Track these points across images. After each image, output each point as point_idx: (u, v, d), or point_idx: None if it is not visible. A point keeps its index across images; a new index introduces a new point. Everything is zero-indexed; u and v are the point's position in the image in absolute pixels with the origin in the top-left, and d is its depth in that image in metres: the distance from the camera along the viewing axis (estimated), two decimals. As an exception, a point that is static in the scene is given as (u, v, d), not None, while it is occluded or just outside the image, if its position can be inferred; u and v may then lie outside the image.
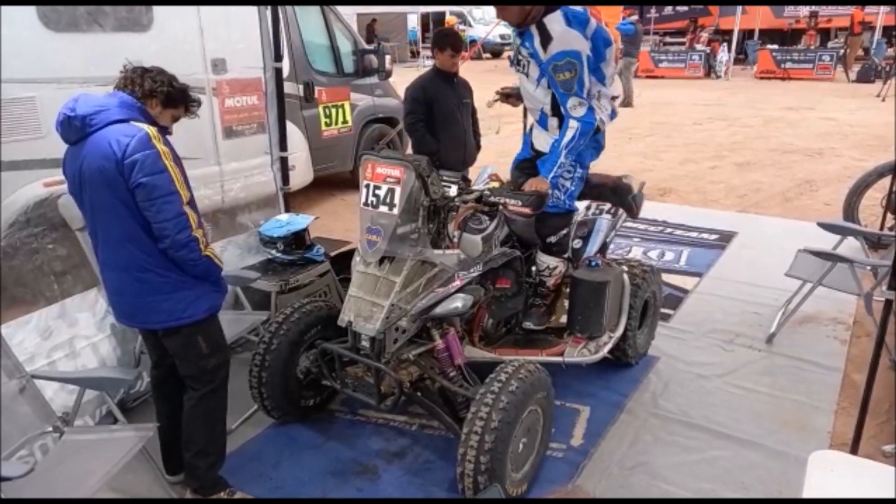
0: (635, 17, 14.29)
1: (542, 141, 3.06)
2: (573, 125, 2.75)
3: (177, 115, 2.34)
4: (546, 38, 2.67)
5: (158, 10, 3.50)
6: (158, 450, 2.55)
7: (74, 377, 2.52)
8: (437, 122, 4.06)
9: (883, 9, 17.44)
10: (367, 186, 2.47)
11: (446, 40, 4.07)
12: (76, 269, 3.07)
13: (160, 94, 2.23)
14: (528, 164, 3.14)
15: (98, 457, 2.18)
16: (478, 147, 4.46)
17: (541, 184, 2.82)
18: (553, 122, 2.94)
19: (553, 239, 3.04)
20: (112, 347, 3.05)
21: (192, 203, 2.16)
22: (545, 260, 3.09)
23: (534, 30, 2.73)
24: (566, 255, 3.15)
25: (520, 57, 2.90)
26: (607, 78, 2.90)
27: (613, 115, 3.03)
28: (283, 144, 4.15)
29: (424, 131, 4.06)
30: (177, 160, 2.16)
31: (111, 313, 3.02)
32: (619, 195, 3.27)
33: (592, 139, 2.91)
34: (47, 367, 2.75)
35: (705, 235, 5.51)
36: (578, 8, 2.71)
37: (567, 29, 2.64)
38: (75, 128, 2.11)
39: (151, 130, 2.10)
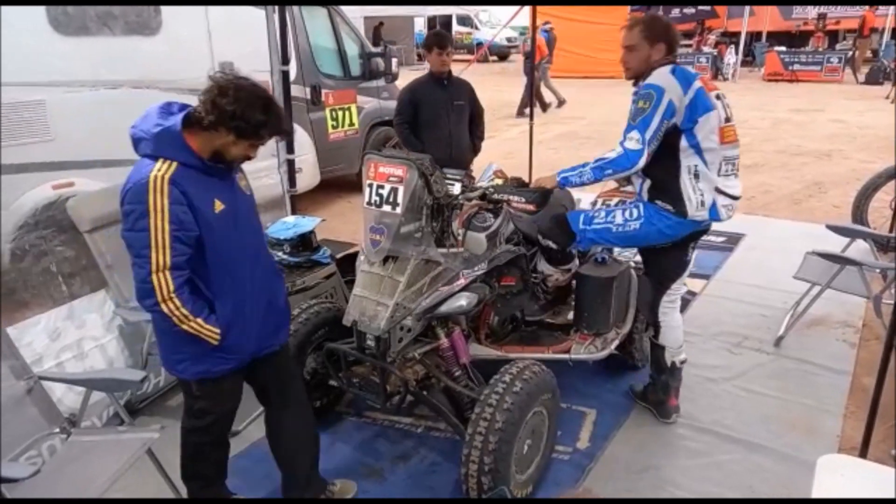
0: (550, 26, 14.34)
1: None
2: (617, 149, 2.59)
3: (254, 146, 2.01)
4: (645, 79, 2.64)
5: (167, 14, 3.52)
6: (173, 452, 2.55)
7: (81, 378, 2.53)
8: (422, 124, 4.18)
9: (892, 11, 17.34)
10: (371, 186, 2.48)
11: (431, 40, 4.16)
12: (85, 270, 3.09)
13: (235, 129, 1.90)
14: None
15: (105, 458, 2.19)
16: (475, 149, 4.45)
17: (548, 179, 2.79)
18: (645, 184, 2.73)
19: (542, 242, 2.96)
20: (120, 349, 3.07)
21: (175, 267, 1.88)
22: (543, 267, 3.06)
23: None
24: (567, 267, 3.07)
25: (633, 107, 2.71)
26: (703, 150, 2.59)
27: (714, 212, 2.64)
28: (289, 147, 4.17)
29: (408, 133, 4.19)
30: (185, 211, 1.87)
31: (119, 314, 3.05)
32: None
33: (677, 223, 2.66)
34: (55, 368, 2.77)
35: (713, 237, 5.48)
36: (692, 70, 2.66)
37: (667, 73, 2.57)
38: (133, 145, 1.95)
39: (156, 180, 1.83)
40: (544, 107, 12.84)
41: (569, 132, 10.65)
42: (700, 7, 18.92)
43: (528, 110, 12.56)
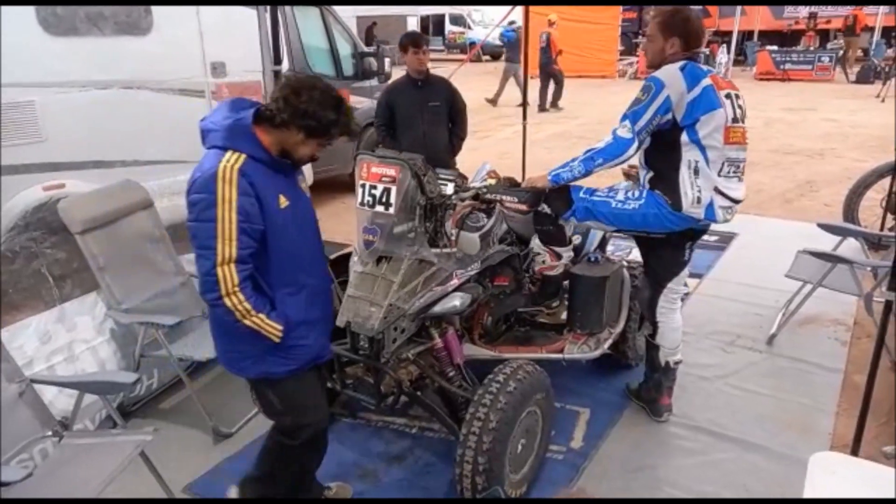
0: (516, 25, 14.17)
1: None
2: (609, 138, 2.58)
3: (322, 145, 2.01)
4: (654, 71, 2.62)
5: (158, 14, 3.51)
6: (166, 454, 2.54)
7: (73, 381, 2.52)
8: (397, 126, 4.26)
9: (882, 10, 17.45)
10: (363, 186, 2.47)
11: (406, 39, 4.21)
12: (76, 272, 3.08)
13: (307, 129, 1.91)
14: None
15: (97, 461, 2.18)
16: (454, 148, 4.45)
17: (539, 179, 2.78)
18: (647, 175, 2.73)
19: (539, 209, 2.85)
20: (112, 351, 3.05)
21: (240, 260, 1.84)
22: (535, 244, 3.02)
23: None
24: (559, 251, 2.96)
25: None
26: (706, 147, 2.55)
27: (710, 212, 2.61)
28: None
29: (385, 134, 4.28)
30: (252, 203, 1.85)
31: (111, 317, 3.03)
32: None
33: (672, 215, 2.64)
34: (46, 371, 2.75)
35: (706, 236, 5.48)
36: (704, 68, 2.60)
37: (675, 69, 2.54)
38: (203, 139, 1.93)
39: (225, 169, 1.81)
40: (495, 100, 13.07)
41: (563, 132, 10.66)
42: (692, 7, 18.99)
43: (549, 106, 13.16)
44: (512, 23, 14.35)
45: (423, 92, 4.22)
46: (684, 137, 2.56)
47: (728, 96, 2.59)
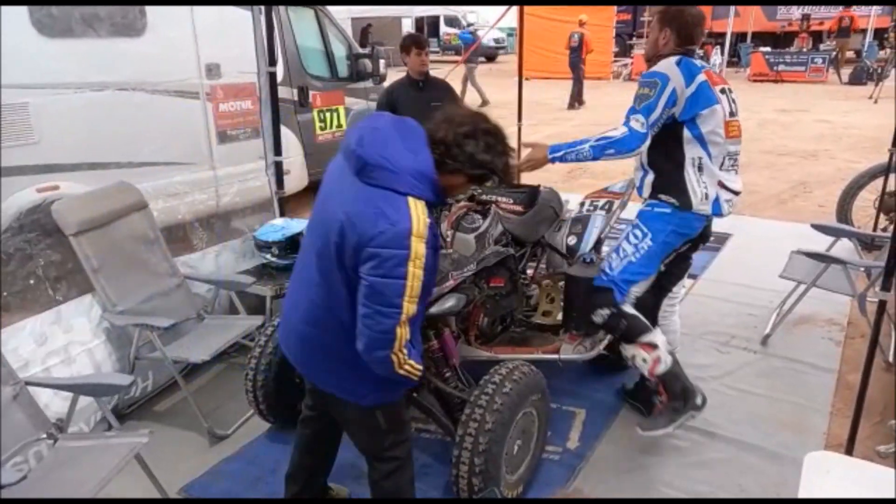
0: (472, 28, 15.39)
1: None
2: (621, 129, 2.49)
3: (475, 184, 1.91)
4: (650, 67, 2.62)
5: (152, 16, 3.50)
6: (161, 456, 2.53)
7: (68, 383, 2.51)
8: None
9: (874, 11, 17.56)
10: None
11: (408, 40, 4.24)
12: (71, 274, 3.07)
13: (472, 175, 1.80)
14: None
15: (92, 464, 2.17)
16: None
17: (539, 150, 2.63)
18: (648, 178, 2.69)
19: (596, 319, 2.72)
20: (108, 353, 3.04)
21: (415, 318, 1.74)
22: (623, 348, 2.80)
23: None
24: (643, 338, 2.72)
25: None
26: (709, 143, 2.56)
27: (717, 207, 2.62)
28: (277, 149, 4.15)
29: None
30: (435, 254, 1.75)
31: (106, 319, 3.02)
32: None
33: (681, 219, 2.63)
34: (42, 373, 2.74)
35: (700, 237, 5.52)
36: (698, 63, 2.58)
37: (671, 63, 2.52)
38: (353, 165, 1.73)
39: (418, 224, 1.66)
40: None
41: (559, 133, 10.68)
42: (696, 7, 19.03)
43: (577, 104, 13.49)
44: (470, 24, 14.74)
45: (425, 93, 4.21)
46: (686, 134, 2.55)
47: (723, 91, 2.61)
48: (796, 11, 19.49)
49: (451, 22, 25.98)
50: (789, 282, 3.77)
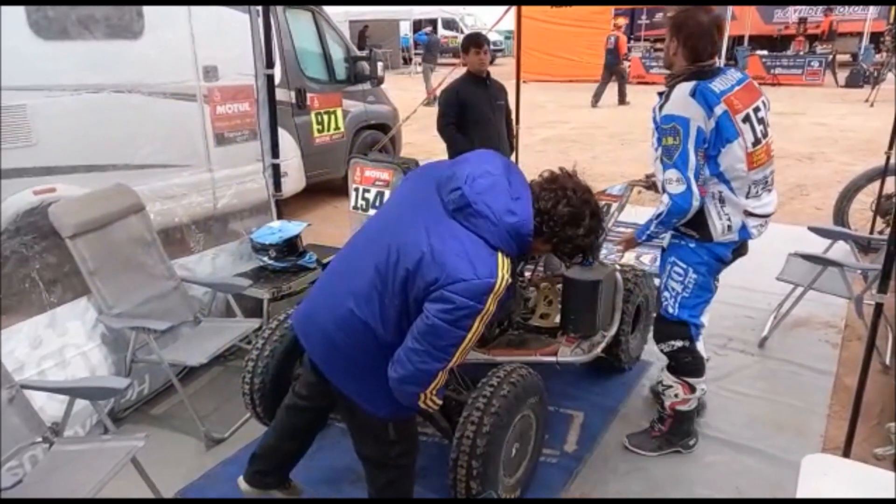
0: (429, 29, 16.57)
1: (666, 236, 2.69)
2: (665, 201, 2.41)
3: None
4: (666, 99, 2.44)
5: (150, 18, 3.49)
6: (158, 460, 2.52)
7: (64, 387, 2.50)
8: (470, 125, 4.24)
9: (870, 15, 17.64)
10: (357, 190, 2.48)
11: (467, 41, 4.29)
12: (67, 277, 3.05)
13: (559, 250, 1.83)
14: None
15: (88, 467, 2.16)
16: (512, 148, 4.60)
17: (628, 238, 2.75)
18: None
19: (664, 348, 2.74)
20: (103, 356, 3.03)
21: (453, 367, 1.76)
22: (662, 374, 2.84)
23: (667, 93, 2.48)
24: (690, 380, 2.73)
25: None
26: (728, 178, 2.45)
27: (745, 233, 2.54)
28: (274, 151, 4.15)
29: (454, 132, 4.25)
30: (500, 309, 1.74)
31: (102, 322, 3.01)
32: None
33: (708, 249, 2.55)
34: (37, 376, 2.73)
35: (697, 240, 5.53)
36: (717, 89, 2.38)
37: (686, 96, 2.35)
38: (451, 201, 1.70)
39: (501, 283, 1.65)
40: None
41: (555, 136, 10.70)
42: (714, 6, 19.10)
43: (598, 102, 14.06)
44: (428, 26, 15.21)
45: (490, 90, 4.30)
46: (705, 172, 2.43)
47: (746, 119, 2.43)
48: (793, 14, 19.56)
49: (449, 25, 26.02)
50: (786, 284, 3.77)
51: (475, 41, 4.27)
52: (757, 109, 2.49)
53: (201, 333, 3.23)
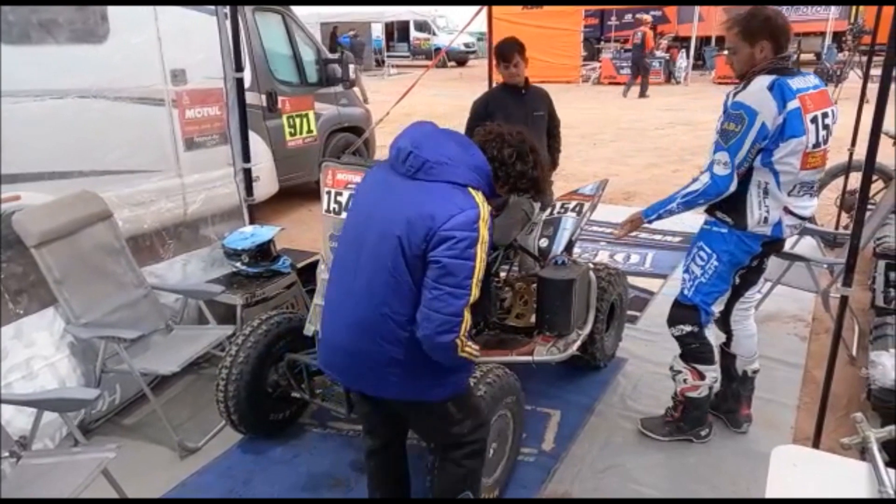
0: (353, 33, 18.11)
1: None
2: (704, 179, 2.44)
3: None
4: (743, 88, 2.45)
5: (115, 21, 3.43)
6: (130, 471, 2.47)
7: (31, 399, 2.44)
8: None
9: (832, 15, 18.08)
10: (329, 193, 2.47)
11: (496, 52, 3.87)
12: (33, 287, 2.98)
13: (518, 188, 1.97)
14: None
15: (58, 481, 2.11)
16: (554, 164, 4.11)
17: (635, 219, 2.69)
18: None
19: (673, 332, 2.78)
20: (72, 367, 2.96)
21: (474, 305, 1.82)
22: (673, 361, 2.86)
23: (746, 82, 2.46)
24: (698, 366, 2.78)
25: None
26: (778, 171, 2.43)
27: (779, 230, 2.53)
28: (245, 155, 4.11)
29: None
30: (490, 249, 1.87)
31: (70, 332, 2.94)
32: None
33: (738, 238, 2.56)
34: (3, 389, 2.65)
35: (669, 238, 5.61)
36: (795, 86, 2.38)
37: (763, 89, 2.35)
38: (410, 166, 1.82)
39: (483, 209, 1.78)
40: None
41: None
42: (652, 12, 19.40)
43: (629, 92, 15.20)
44: (352, 30, 15.60)
45: (526, 100, 3.89)
46: (757, 161, 2.43)
47: (814, 120, 2.42)
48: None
49: (421, 27, 26.04)
50: (756, 279, 3.84)
51: (501, 55, 3.81)
52: (825, 115, 2.49)
53: (173, 341, 3.18)
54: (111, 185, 3.42)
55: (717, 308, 2.76)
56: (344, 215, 2.45)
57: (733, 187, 2.44)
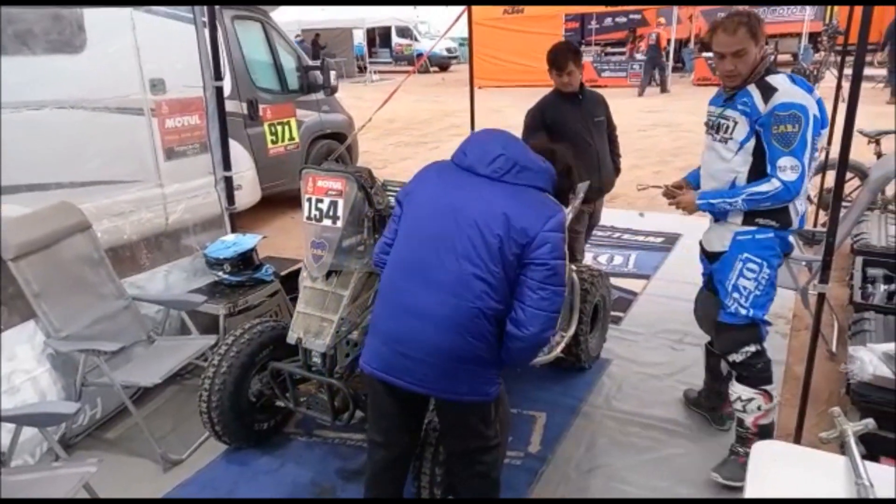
0: (301, 38, 18.85)
1: (717, 237, 2.59)
2: (775, 183, 2.32)
3: None
4: (769, 92, 2.33)
5: (92, 31, 3.41)
6: (113, 485, 2.44)
7: (10, 414, 2.40)
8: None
9: (808, 16, 18.35)
10: (310, 200, 2.46)
11: (549, 60, 3.63)
12: (12, 300, 2.94)
13: (559, 199, 2.06)
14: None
15: (38, 497, 2.08)
16: (617, 171, 3.94)
17: (687, 195, 2.57)
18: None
19: (737, 358, 2.57)
20: (53, 381, 2.92)
21: None
22: (736, 390, 2.60)
23: (753, 89, 2.38)
24: (767, 388, 2.59)
25: (721, 120, 2.48)
26: (811, 166, 2.41)
27: (802, 221, 2.51)
28: (226, 164, 4.08)
29: None
30: None
31: (50, 345, 2.90)
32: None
33: (781, 239, 2.50)
34: (-17, 405, 2.61)
35: (651, 238, 5.66)
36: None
37: (793, 85, 2.33)
38: (498, 167, 1.91)
39: (563, 213, 1.93)
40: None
41: (511, 140, 10.79)
42: (631, 16, 19.58)
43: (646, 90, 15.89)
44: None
45: (585, 106, 3.67)
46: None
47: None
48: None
49: (403, 32, 26.06)
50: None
51: (555, 63, 3.57)
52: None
53: (155, 353, 3.15)
54: (90, 195, 3.39)
55: (766, 335, 2.63)
56: (325, 222, 2.44)
57: (804, 191, 2.37)
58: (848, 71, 4.44)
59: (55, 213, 3.08)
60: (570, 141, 3.48)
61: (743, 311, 2.53)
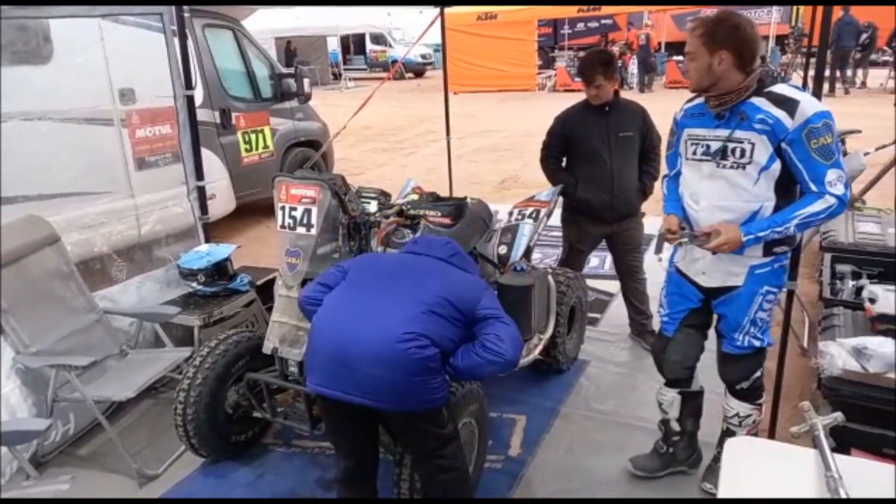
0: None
1: (724, 272, 2.37)
2: (829, 200, 2.13)
3: None
4: (790, 104, 2.14)
5: (59, 42, 3.37)
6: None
7: (-22, 434, 2.35)
8: (576, 159, 3.60)
9: (774, 18, 18.75)
10: (283, 209, 2.45)
11: (578, 70, 3.50)
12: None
13: None
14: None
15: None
16: (645, 192, 3.69)
17: (729, 232, 2.19)
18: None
19: (745, 385, 2.50)
20: (23, 398, 2.86)
21: None
22: (734, 406, 2.55)
23: (761, 101, 2.20)
24: (760, 401, 2.55)
25: (730, 143, 2.23)
26: None
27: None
28: (199, 173, 4.04)
29: (557, 167, 3.66)
30: None
31: (19, 362, 2.84)
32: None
33: (783, 267, 2.38)
34: (-51, 424, 2.55)
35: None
36: None
37: (802, 92, 2.20)
38: (445, 252, 2.28)
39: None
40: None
41: (488, 145, 10.85)
42: (602, 21, 19.82)
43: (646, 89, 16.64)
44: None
45: (611, 119, 3.48)
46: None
47: None
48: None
49: (377, 39, 26.06)
50: (710, 277, 3.93)
51: (583, 75, 3.44)
52: None
53: (128, 366, 3.10)
54: (59, 208, 3.34)
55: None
56: (299, 230, 2.43)
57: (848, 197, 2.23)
58: (812, 72, 4.54)
59: (22, 227, 3.02)
60: (584, 156, 3.54)
61: (757, 343, 2.43)
